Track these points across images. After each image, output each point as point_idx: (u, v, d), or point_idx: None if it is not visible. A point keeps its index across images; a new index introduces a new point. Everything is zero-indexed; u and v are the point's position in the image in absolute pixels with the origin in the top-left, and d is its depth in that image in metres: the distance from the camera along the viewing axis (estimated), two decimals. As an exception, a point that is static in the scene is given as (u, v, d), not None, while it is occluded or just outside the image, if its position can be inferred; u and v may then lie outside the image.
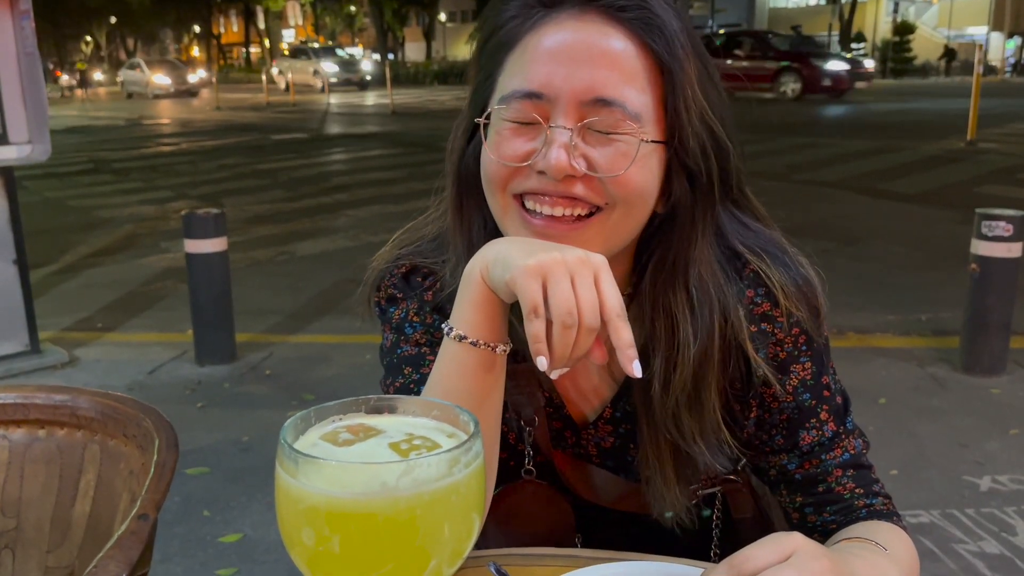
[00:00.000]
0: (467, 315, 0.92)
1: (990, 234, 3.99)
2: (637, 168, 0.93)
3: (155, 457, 1.27)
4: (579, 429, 1.13)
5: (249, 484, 3.24)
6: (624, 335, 0.84)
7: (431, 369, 1.06)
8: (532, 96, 0.93)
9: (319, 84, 33.96)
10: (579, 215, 0.94)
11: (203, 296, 4.48)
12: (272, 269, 6.58)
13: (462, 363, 0.93)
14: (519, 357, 1.08)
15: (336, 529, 0.63)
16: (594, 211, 0.94)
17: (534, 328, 0.84)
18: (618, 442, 1.12)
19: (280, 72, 36.49)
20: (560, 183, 0.92)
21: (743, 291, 1.03)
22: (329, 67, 34.31)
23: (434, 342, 1.10)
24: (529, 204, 0.95)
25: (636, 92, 0.92)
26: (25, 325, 4.45)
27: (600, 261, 0.87)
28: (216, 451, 3.53)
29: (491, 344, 0.92)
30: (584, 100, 0.92)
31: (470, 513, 0.67)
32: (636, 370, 0.84)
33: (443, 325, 0.95)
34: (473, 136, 1.01)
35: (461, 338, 0.92)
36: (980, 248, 4.04)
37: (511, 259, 0.87)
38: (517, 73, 0.95)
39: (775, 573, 0.74)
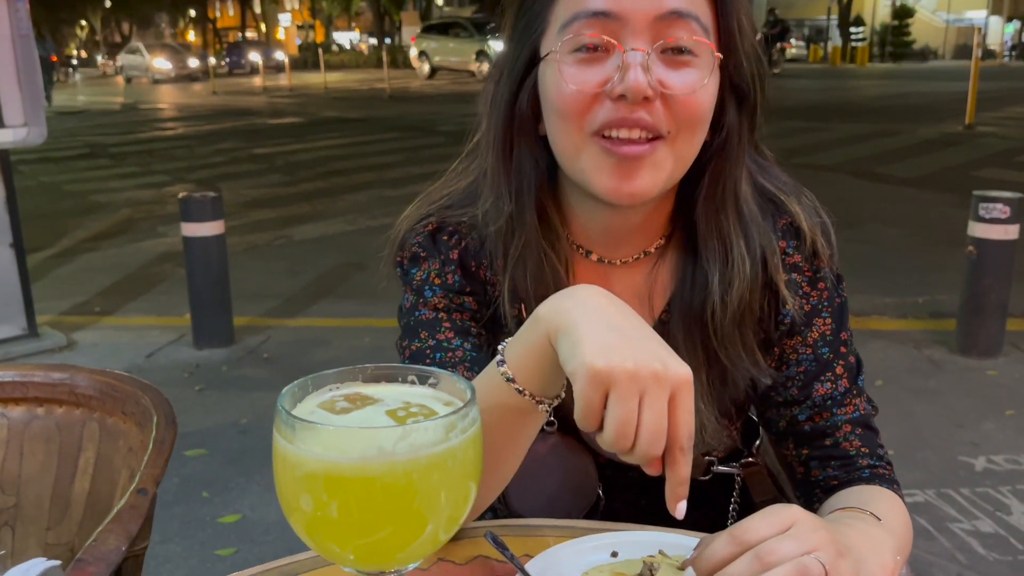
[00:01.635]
0: (520, 358, 0.85)
1: (987, 216, 3.99)
2: (705, 89, 0.95)
3: (153, 433, 1.27)
4: None
5: (247, 466, 3.26)
6: (681, 470, 0.77)
7: (446, 336, 1.07)
8: (600, 15, 0.92)
9: (483, 70, 25.83)
10: (651, 137, 0.95)
11: (201, 280, 4.49)
12: (270, 253, 6.58)
13: (502, 402, 0.86)
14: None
15: (334, 494, 0.63)
16: (657, 139, 0.95)
17: (586, 433, 0.80)
18: None
19: (422, 54, 28.75)
20: (637, 106, 0.92)
21: (776, 226, 1.08)
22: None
23: (451, 307, 1.10)
24: (606, 132, 0.95)
25: (700, 10, 0.94)
26: (23, 309, 4.46)
27: (683, 377, 0.77)
28: (215, 433, 3.54)
29: (536, 397, 0.86)
30: (658, 14, 0.91)
31: (467, 479, 0.67)
32: (680, 511, 0.78)
33: (499, 346, 0.89)
34: (525, 78, 1.00)
35: (509, 379, 0.85)
36: (977, 230, 4.05)
37: (581, 344, 0.77)
38: (577, 0, 0.94)
39: (775, 543, 0.75)
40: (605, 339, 0.77)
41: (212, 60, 34.72)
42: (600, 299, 0.83)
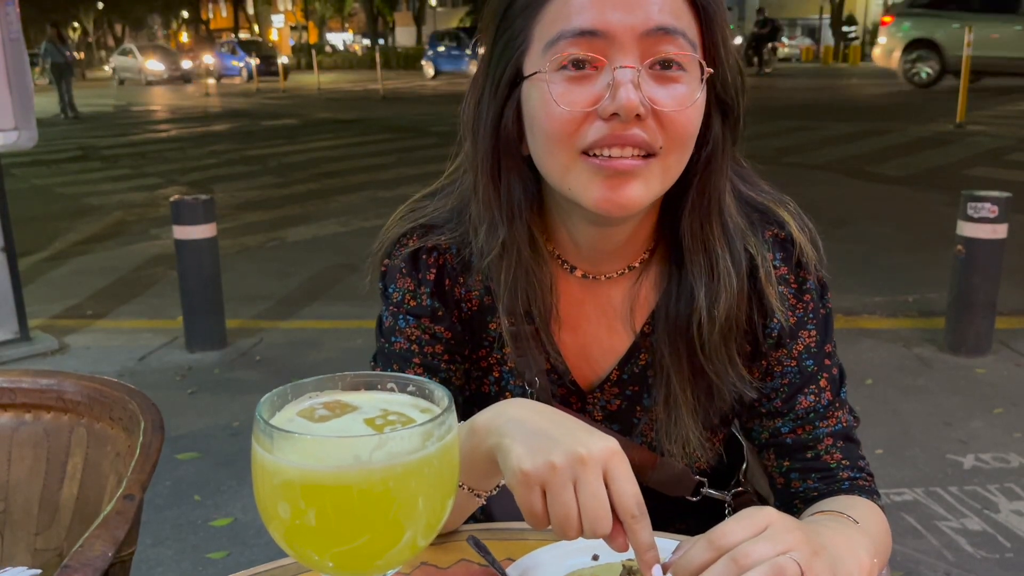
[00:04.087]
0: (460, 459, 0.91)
1: (975, 215, 4.01)
2: (695, 105, 0.94)
3: (141, 439, 1.28)
4: (584, 395, 1.14)
5: (239, 469, 3.26)
6: (642, 537, 0.79)
7: (415, 373, 1.08)
8: (587, 34, 0.90)
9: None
10: (644, 155, 0.94)
11: (193, 282, 4.49)
12: (262, 255, 6.58)
13: None
14: (528, 318, 1.09)
15: (311, 502, 0.64)
16: (649, 156, 0.95)
17: (537, 529, 0.83)
18: (624, 404, 1.14)
19: (914, 48, 16.56)
20: (629, 125, 0.91)
21: (763, 238, 1.07)
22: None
23: (423, 340, 1.11)
24: (596, 151, 0.94)
25: (687, 25, 0.94)
26: (14, 312, 4.45)
27: (612, 452, 0.81)
28: (207, 436, 3.54)
29: (474, 490, 0.92)
30: (645, 31, 0.90)
31: (444, 486, 0.68)
32: (657, 574, 0.80)
33: None
34: (508, 99, 0.99)
35: None
36: (965, 229, 4.07)
37: (509, 457, 0.83)
38: (562, 17, 0.92)
39: (751, 546, 0.76)
40: (529, 445, 0.82)
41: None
42: (524, 411, 0.87)
